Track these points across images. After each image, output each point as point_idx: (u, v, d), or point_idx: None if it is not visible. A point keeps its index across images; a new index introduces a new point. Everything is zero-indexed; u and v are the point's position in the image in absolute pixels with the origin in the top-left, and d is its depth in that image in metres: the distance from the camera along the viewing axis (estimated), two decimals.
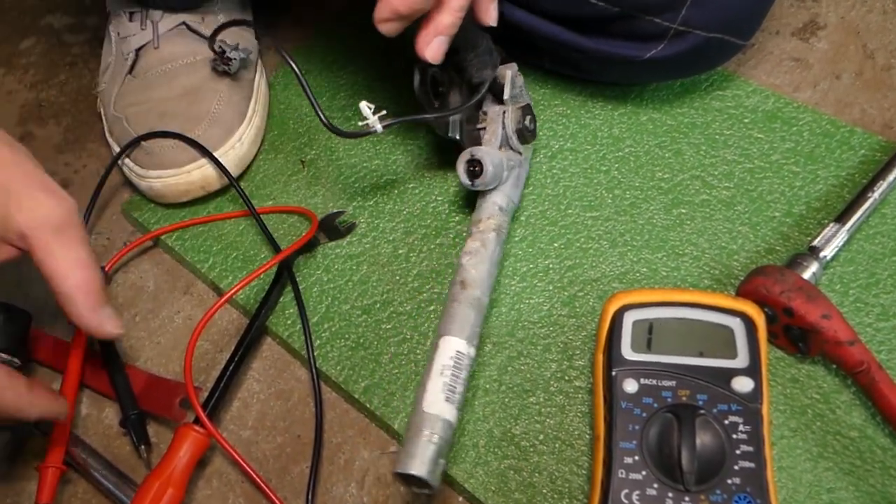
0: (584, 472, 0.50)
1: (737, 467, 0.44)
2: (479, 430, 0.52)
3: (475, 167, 0.55)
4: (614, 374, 0.48)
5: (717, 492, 0.44)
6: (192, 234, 0.63)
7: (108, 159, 0.69)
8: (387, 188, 0.63)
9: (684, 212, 0.60)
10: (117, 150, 0.64)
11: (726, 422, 0.45)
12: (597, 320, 0.53)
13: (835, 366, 0.52)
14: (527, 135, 0.59)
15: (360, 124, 0.53)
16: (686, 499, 0.44)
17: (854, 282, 0.55)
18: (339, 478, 0.53)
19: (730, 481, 0.44)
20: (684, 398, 0.46)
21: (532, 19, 0.61)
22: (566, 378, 0.54)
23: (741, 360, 0.47)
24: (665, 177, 0.62)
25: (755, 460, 0.44)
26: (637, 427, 0.46)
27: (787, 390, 0.52)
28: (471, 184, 0.55)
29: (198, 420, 0.51)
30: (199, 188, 0.62)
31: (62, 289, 0.46)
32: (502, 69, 0.58)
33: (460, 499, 0.52)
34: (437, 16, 0.49)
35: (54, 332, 0.59)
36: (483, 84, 0.57)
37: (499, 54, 0.58)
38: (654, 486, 0.44)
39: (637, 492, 0.44)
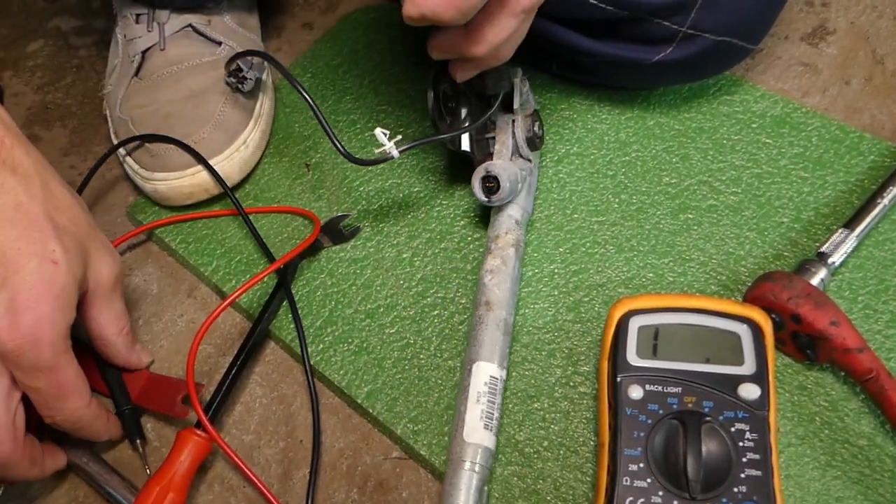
0: (588, 479, 0.50)
1: (743, 475, 0.44)
2: None
3: (491, 183, 0.54)
4: (619, 380, 0.47)
5: (724, 500, 0.43)
6: (195, 238, 0.62)
7: (115, 163, 0.69)
8: (391, 192, 0.63)
9: (691, 217, 0.59)
10: (122, 152, 0.64)
11: (733, 429, 0.45)
12: (602, 326, 0.53)
13: (843, 373, 0.51)
14: (536, 142, 0.58)
15: (377, 151, 0.52)
16: None
17: (863, 288, 0.55)
18: (341, 483, 0.53)
19: (736, 489, 0.43)
20: (690, 405, 0.46)
21: (540, 22, 0.60)
22: (571, 384, 0.53)
23: (748, 367, 0.47)
24: (672, 182, 0.61)
25: (762, 468, 0.44)
26: (642, 434, 0.45)
27: (795, 398, 0.51)
28: (487, 200, 0.55)
29: (199, 424, 0.50)
30: (203, 191, 0.62)
31: (108, 338, 0.52)
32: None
33: None
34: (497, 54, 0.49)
35: None
36: (497, 96, 0.56)
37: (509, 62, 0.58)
38: (660, 493, 0.44)
39: (642, 499, 0.44)
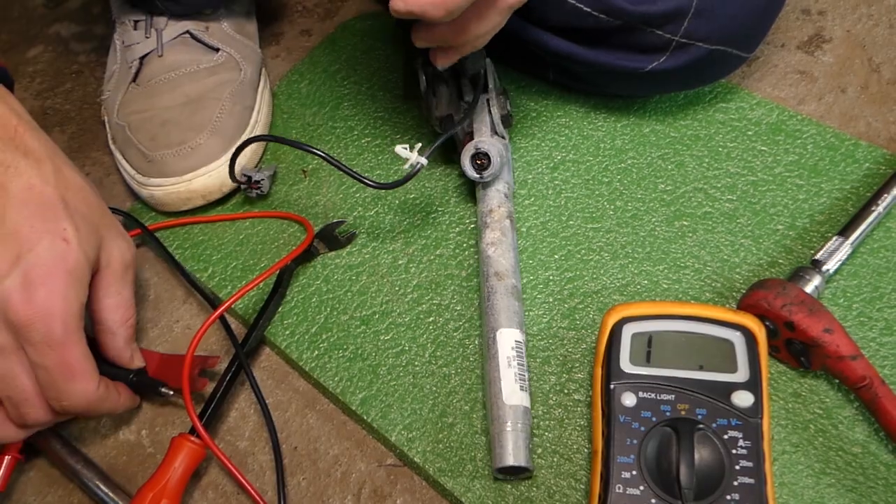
0: (582, 486, 0.50)
1: (736, 483, 0.44)
2: (476, 443, 0.52)
3: (481, 160, 0.56)
4: (612, 387, 0.47)
5: None
6: (191, 244, 0.62)
7: (112, 168, 0.69)
8: (387, 199, 0.63)
9: (686, 224, 0.59)
10: (120, 157, 0.64)
11: (726, 436, 0.45)
12: (597, 333, 0.53)
13: (837, 381, 0.51)
14: (509, 119, 0.61)
15: (405, 167, 0.54)
16: None
17: (857, 296, 0.55)
18: (336, 490, 0.53)
19: (729, 497, 0.43)
20: (683, 412, 0.46)
21: (535, 31, 0.61)
22: (565, 391, 0.53)
23: (741, 374, 0.47)
24: (667, 189, 0.61)
25: (755, 476, 0.44)
26: (635, 441, 0.45)
27: (789, 405, 0.51)
28: (479, 176, 0.57)
29: (193, 430, 0.50)
30: (199, 197, 0.62)
31: (109, 323, 0.51)
32: None
33: None
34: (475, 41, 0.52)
35: None
36: (479, 75, 0.59)
37: None
38: (652, 501, 0.44)
39: None
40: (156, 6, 0.65)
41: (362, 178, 0.55)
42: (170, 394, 0.53)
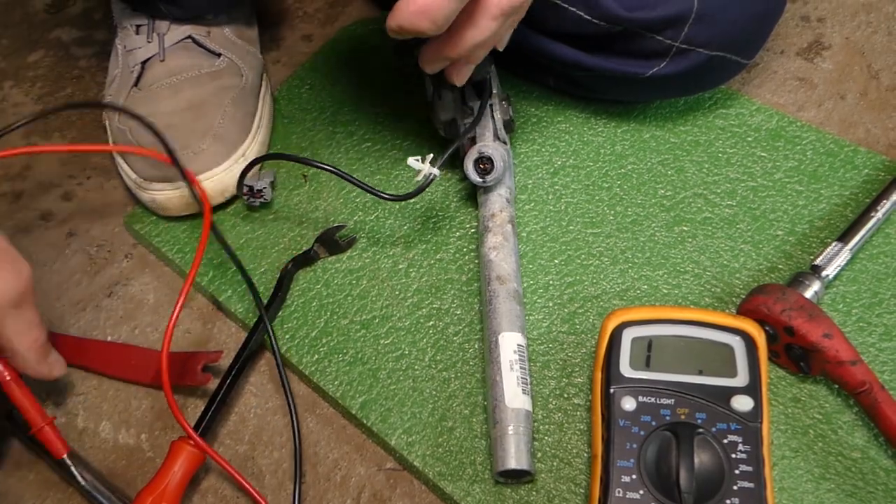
0: (581, 490, 0.50)
1: (736, 487, 0.44)
2: (476, 448, 0.52)
3: (485, 164, 0.57)
4: (612, 391, 0.47)
5: None
6: (191, 248, 0.62)
7: (113, 173, 0.70)
8: (388, 204, 0.63)
9: (686, 229, 0.59)
10: (121, 162, 0.64)
11: (725, 441, 0.45)
12: (596, 337, 0.53)
13: (837, 386, 0.51)
14: (511, 124, 0.61)
15: (417, 179, 0.54)
16: None
17: (857, 301, 0.55)
18: (335, 494, 0.53)
19: (728, 501, 0.43)
20: (683, 416, 0.46)
21: (536, 38, 0.61)
22: (565, 395, 0.53)
23: (741, 379, 0.47)
24: (667, 194, 0.61)
25: (755, 480, 0.44)
26: (635, 445, 0.45)
27: (789, 410, 0.51)
28: (482, 181, 0.57)
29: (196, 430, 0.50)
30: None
31: (18, 350, 0.49)
32: None
33: None
34: (476, 52, 0.51)
35: None
36: (484, 81, 0.59)
37: None
38: None
39: None
40: (158, 10, 0.65)
41: (376, 192, 0.56)
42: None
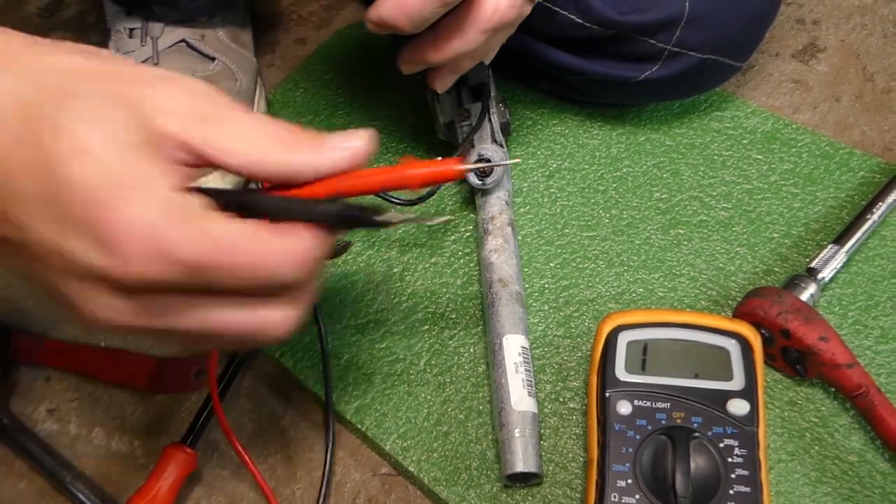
0: (577, 495, 0.50)
1: (732, 491, 0.43)
2: (471, 452, 0.51)
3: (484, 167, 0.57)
4: (608, 395, 0.47)
5: None
6: None
7: None
8: (383, 207, 0.63)
9: (682, 232, 0.59)
10: None
11: (721, 445, 0.45)
12: (592, 341, 0.52)
13: (833, 389, 0.51)
14: (508, 127, 0.61)
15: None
16: None
17: (853, 304, 0.55)
18: (330, 500, 0.52)
19: None
20: (679, 420, 0.45)
21: (529, 42, 0.61)
22: (560, 399, 0.53)
23: (737, 383, 0.47)
24: (663, 197, 0.61)
25: (751, 484, 0.44)
26: (631, 449, 0.45)
27: (785, 413, 0.51)
28: (482, 183, 0.57)
29: (185, 440, 0.50)
30: None
31: (236, 161, 0.34)
32: None
33: None
34: (460, 62, 0.51)
35: None
36: (483, 84, 0.59)
37: None
38: None
39: None
40: (152, 12, 0.65)
41: (389, 198, 0.57)
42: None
